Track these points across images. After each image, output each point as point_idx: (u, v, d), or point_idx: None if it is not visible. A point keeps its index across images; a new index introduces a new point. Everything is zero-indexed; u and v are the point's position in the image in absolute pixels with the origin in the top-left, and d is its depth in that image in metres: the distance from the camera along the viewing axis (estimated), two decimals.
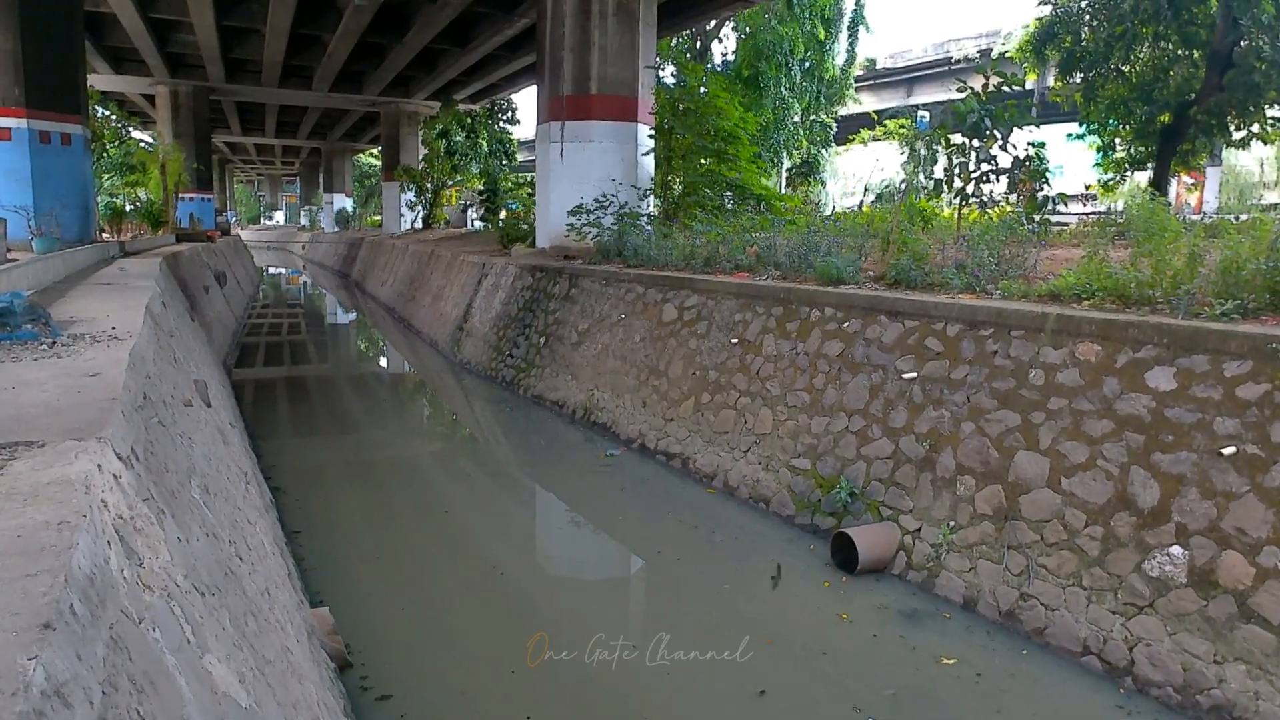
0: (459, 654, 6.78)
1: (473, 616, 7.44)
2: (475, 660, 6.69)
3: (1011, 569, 7.22)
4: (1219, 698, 5.80)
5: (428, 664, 6.58)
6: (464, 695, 6.17)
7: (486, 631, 7.17)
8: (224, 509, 5.27)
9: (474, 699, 6.12)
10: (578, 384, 14.51)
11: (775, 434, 10.08)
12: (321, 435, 14.31)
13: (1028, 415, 7.62)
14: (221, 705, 2.52)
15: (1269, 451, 6.11)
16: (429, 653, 6.76)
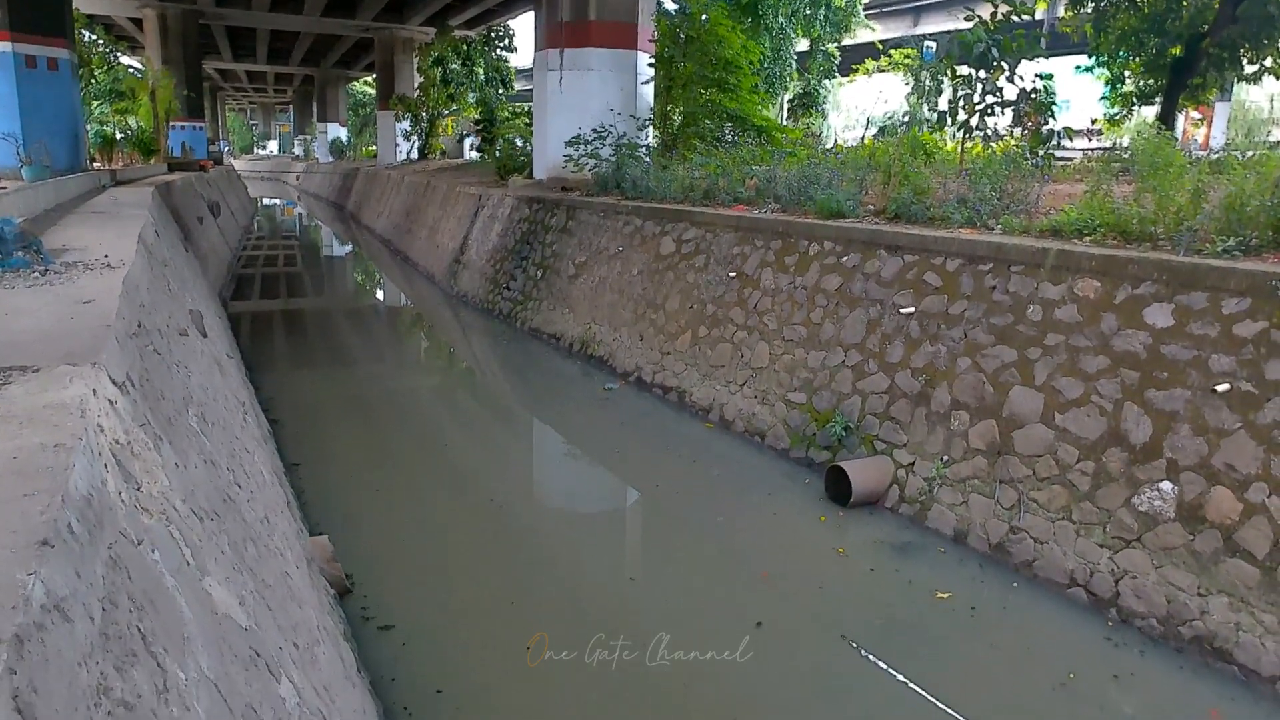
0: (459, 585, 6.85)
1: (472, 549, 7.52)
2: (475, 592, 6.77)
3: (1003, 503, 7.30)
4: (1200, 629, 5.92)
5: (428, 595, 6.65)
6: (465, 626, 6.25)
7: (486, 563, 7.25)
8: (221, 438, 5.29)
9: (475, 629, 6.21)
10: (575, 317, 14.49)
11: (772, 368, 10.10)
12: (319, 368, 14.32)
13: (1024, 351, 7.63)
14: (222, 626, 2.56)
15: (1263, 389, 6.14)
16: (429, 584, 6.83)
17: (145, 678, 1.74)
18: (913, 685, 5.53)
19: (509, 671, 5.67)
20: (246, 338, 15.41)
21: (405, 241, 27.39)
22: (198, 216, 20.36)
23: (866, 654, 5.90)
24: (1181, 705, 5.46)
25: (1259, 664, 5.59)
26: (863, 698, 5.52)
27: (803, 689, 5.62)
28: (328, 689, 3.71)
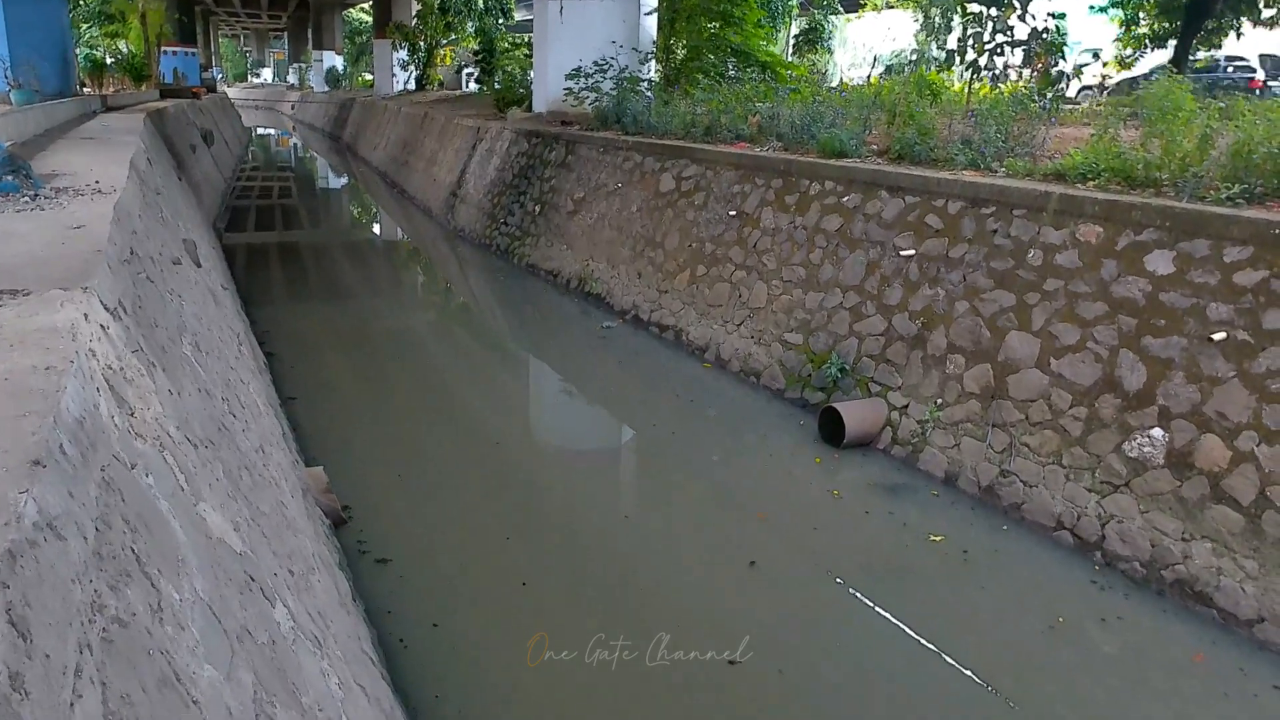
0: (455, 521, 6.89)
1: (468, 485, 7.56)
2: (471, 527, 6.80)
3: (994, 446, 7.36)
4: (1183, 573, 6.02)
5: (425, 530, 6.69)
6: (461, 561, 6.30)
7: (482, 500, 7.29)
8: (216, 367, 5.29)
9: (471, 565, 6.26)
10: (573, 254, 14.39)
11: (769, 308, 10.08)
12: (315, 302, 14.26)
13: (1023, 296, 7.60)
14: (216, 550, 2.58)
15: (1259, 338, 6.13)
16: (426, 518, 6.87)
17: (139, 597, 1.76)
18: (905, 628, 5.61)
19: (505, 606, 5.74)
20: (242, 270, 15.32)
21: (402, 174, 27.06)
22: (190, 145, 20.06)
23: (860, 596, 5.97)
24: (1167, 649, 5.55)
25: (1238, 608, 5.70)
26: (856, 639, 5.60)
27: (795, 629, 5.69)
28: (322, 614, 3.77)
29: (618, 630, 5.49)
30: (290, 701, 2.44)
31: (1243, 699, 5.06)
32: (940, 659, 5.31)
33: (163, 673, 1.67)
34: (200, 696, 1.81)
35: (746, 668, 5.11)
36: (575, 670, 5.12)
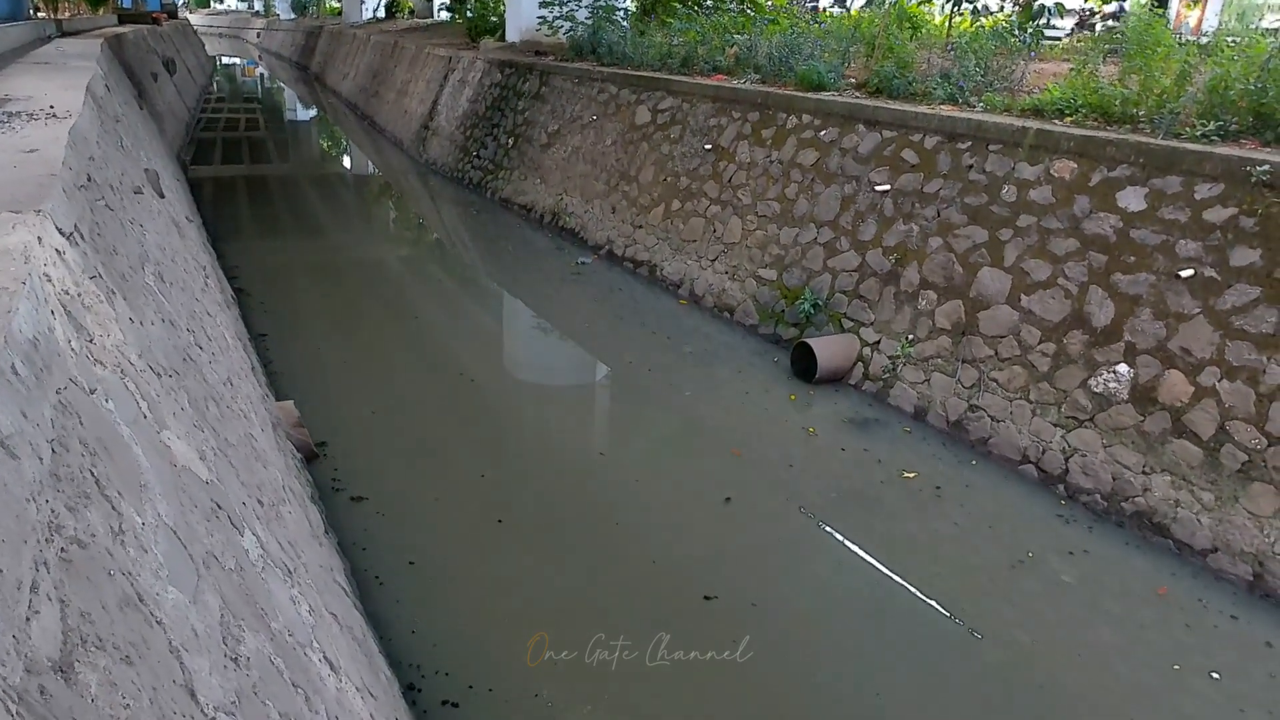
0: (430, 458, 6.86)
1: (443, 421, 7.53)
2: (446, 464, 6.79)
3: (963, 382, 7.44)
4: (1142, 505, 6.17)
5: (399, 466, 6.66)
6: (436, 498, 6.29)
7: (457, 436, 7.28)
8: (181, 299, 5.19)
9: (446, 502, 6.24)
10: (546, 188, 14.20)
11: (744, 244, 10.03)
12: (285, 238, 14.01)
13: (995, 232, 7.62)
14: (181, 477, 2.56)
15: (1225, 275, 6.20)
16: (400, 455, 6.85)
17: (99, 519, 1.74)
18: (876, 563, 5.70)
19: (481, 544, 5.76)
20: (209, 204, 14.99)
21: (372, 105, 26.43)
22: (152, 73, 19.41)
23: (833, 531, 6.04)
24: (1131, 582, 5.67)
25: (1193, 538, 5.86)
26: (829, 574, 5.66)
27: (769, 564, 5.74)
28: (293, 544, 3.77)
29: (593, 570, 5.55)
30: (259, 626, 2.45)
31: (1203, 630, 5.21)
32: (910, 592, 5.42)
33: (125, 593, 1.66)
34: (165, 618, 1.80)
35: (721, 602, 5.19)
36: (551, 605, 5.18)
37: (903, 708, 4.50)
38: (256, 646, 2.31)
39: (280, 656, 2.50)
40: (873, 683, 4.66)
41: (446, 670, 4.52)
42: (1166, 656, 4.97)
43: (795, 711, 4.43)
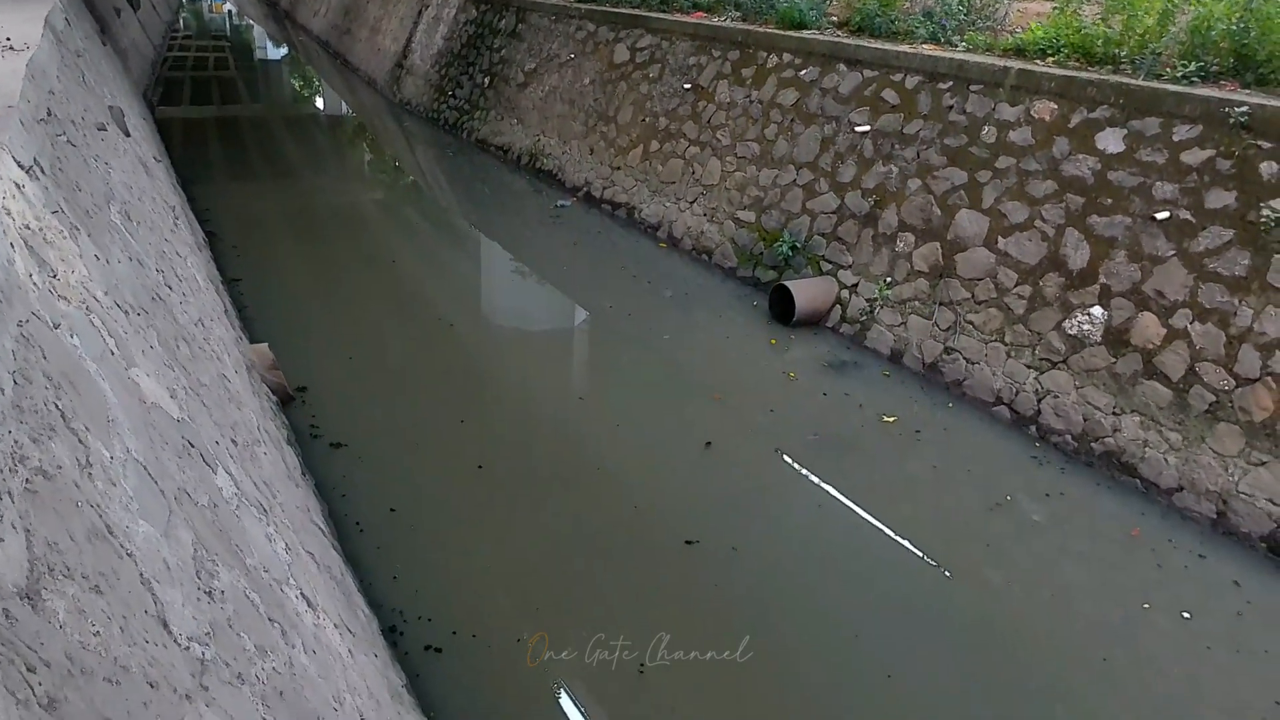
0: (409, 404, 6.80)
1: (422, 367, 7.46)
2: (425, 410, 6.72)
3: (940, 324, 7.48)
4: (1111, 445, 6.27)
5: (378, 413, 6.59)
6: (416, 445, 6.22)
7: (436, 382, 7.22)
8: (149, 238, 5.09)
9: (426, 449, 6.18)
10: (524, 128, 13.97)
11: (723, 185, 9.95)
12: (258, 181, 13.72)
13: (974, 174, 7.59)
14: (151, 414, 2.54)
15: (1200, 218, 6.23)
16: (379, 402, 6.77)
17: (65, 451, 1.72)
18: (856, 508, 5.74)
19: (461, 490, 5.73)
20: (178, 146, 14.64)
21: (344, 43, 25.78)
22: (115, 8, 18.77)
23: (814, 477, 6.07)
24: (1105, 523, 5.78)
25: (1160, 477, 5.98)
26: (810, 519, 5.67)
27: (750, 509, 5.76)
28: (268, 484, 3.76)
29: (575, 516, 5.54)
30: (233, 562, 2.46)
31: (1173, 569, 5.34)
32: (889, 535, 5.49)
33: (93, 525, 1.65)
34: (135, 550, 1.80)
35: (703, 546, 5.21)
36: (533, 552, 5.18)
37: (879, 646, 4.59)
38: (231, 581, 2.31)
39: (256, 592, 2.51)
40: (850, 623, 4.73)
41: (429, 616, 4.53)
42: (1137, 596, 5.07)
43: (772, 651, 4.49)
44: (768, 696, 4.16)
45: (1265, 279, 5.81)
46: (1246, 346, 5.81)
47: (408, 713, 3.72)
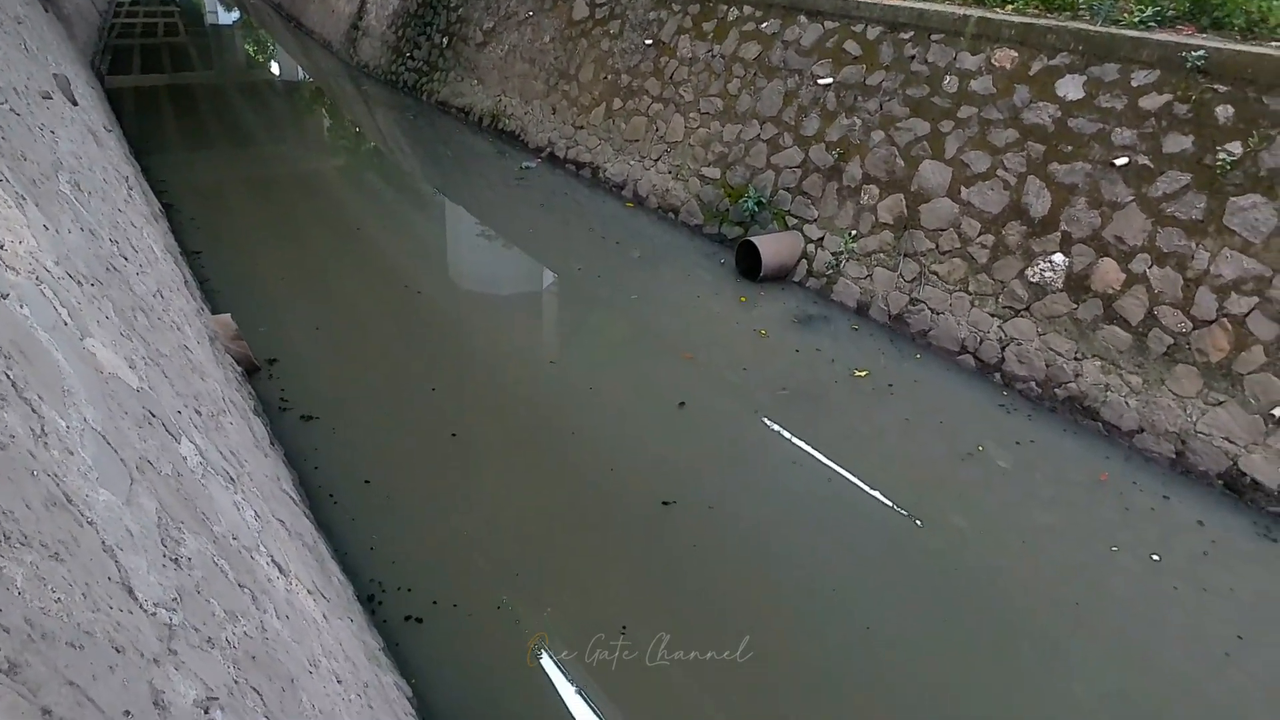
0: (379, 373, 6.72)
1: (390, 335, 7.37)
2: (396, 379, 6.65)
3: (905, 276, 7.53)
4: (1074, 390, 6.39)
5: (348, 383, 6.52)
6: (388, 415, 6.15)
7: (405, 350, 7.14)
8: (102, 209, 4.98)
9: (398, 418, 6.12)
10: (484, 89, 13.76)
11: (686, 142, 9.89)
12: (214, 150, 13.40)
13: (937, 124, 7.60)
14: (109, 384, 2.50)
15: (1159, 163, 6.29)
16: (349, 372, 6.69)
17: (18, 421, 1.70)
18: (834, 465, 5.78)
19: (436, 459, 5.69)
20: (130, 116, 14.27)
21: (298, 6, 25.15)
22: None
23: (787, 434, 6.11)
24: (1073, 469, 5.89)
25: (1121, 420, 6.11)
26: (785, 475, 5.71)
27: (725, 467, 5.79)
28: (235, 454, 3.74)
29: (551, 480, 5.54)
30: (200, 529, 2.45)
31: (1140, 511, 5.47)
32: (863, 488, 5.55)
33: (50, 493, 1.64)
34: (96, 518, 1.79)
35: (680, 506, 5.25)
36: (511, 518, 5.18)
37: (857, 598, 4.66)
38: (198, 548, 2.30)
39: (225, 559, 2.51)
40: (827, 577, 4.79)
41: (408, 586, 4.52)
42: (1105, 538, 5.19)
43: (752, 609, 4.55)
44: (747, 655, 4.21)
45: (1221, 222, 5.90)
46: (1203, 289, 5.92)
47: (385, 674, 3.75)
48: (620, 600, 4.51)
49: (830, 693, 4.03)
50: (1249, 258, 5.74)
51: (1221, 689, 4.17)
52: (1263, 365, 5.60)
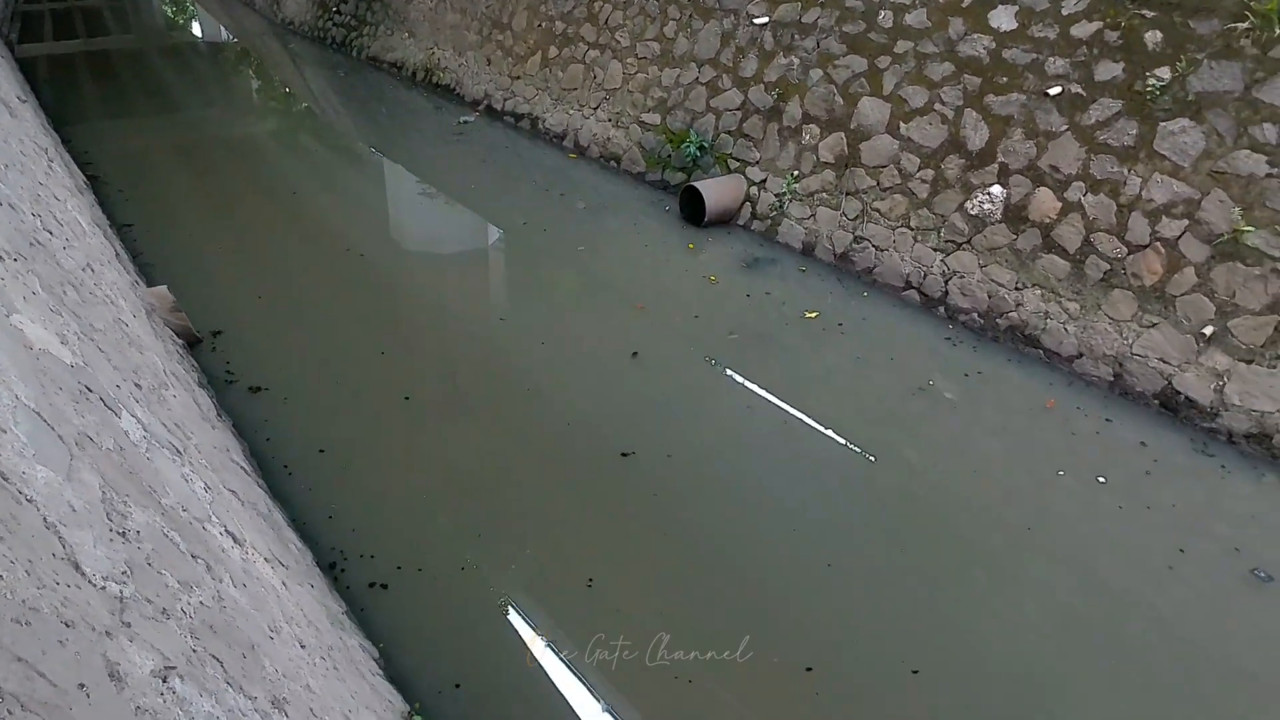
0: (326, 340, 6.59)
1: (335, 301, 7.22)
2: (344, 345, 6.53)
3: (848, 214, 7.58)
4: (1015, 319, 6.53)
5: (295, 352, 6.39)
6: (338, 381, 6.04)
7: (352, 315, 7.01)
8: (21, 182, 4.79)
9: (349, 384, 6.01)
10: (416, 42, 13.41)
11: (625, 89, 9.78)
12: (139, 118, 12.89)
13: (874, 60, 7.60)
14: (40, 360, 2.44)
15: (1091, 91, 6.38)
16: (295, 340, 6.56)
17: None
18: (789, 406, 5.83)
19: (390, 423, 5.62)
20: (45, 85, 13.68)
21: None
22: None
23: (741, 379, 6.15)
24: (1020, 398, 6.02)
25: (1061, 346, 6.26)
26: (741, 420, 5.74)
27: (682, 416, 5.82)
28: (180, 426, 3.68)
29: (509, 438, 5.51)
30: (148, 502, 2.41)
31: (1085, 435, 5.62)
32: (813, 427, 5.63)
33: None
34: (36, 495, 1.75)
35: (638, 457, 5.26)
36: (471, 478, 5.17)
37: (817, 536, 4.74)
38: (146, 521, 2.27)
39: (176, 531, 2.48)
40: (787, 517, 4.86)
41: (371, 553, 4.49)
42: (1052, 463, 5.33)
43: (715, 554, 4.62)
44: (713, 599, 4.29)
45: (1152, 147, 6.02)
46: (1136, 214, 6.06)
47: (350, 637, 3.76)
48: (584, 553, 4.55)
49: (795, 629, 4.14)
50: (1179, 181, 5.88)
51: (1164, 600, 4.36)
52: (1194, 286, 5.77)
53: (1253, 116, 5.62)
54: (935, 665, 3.93)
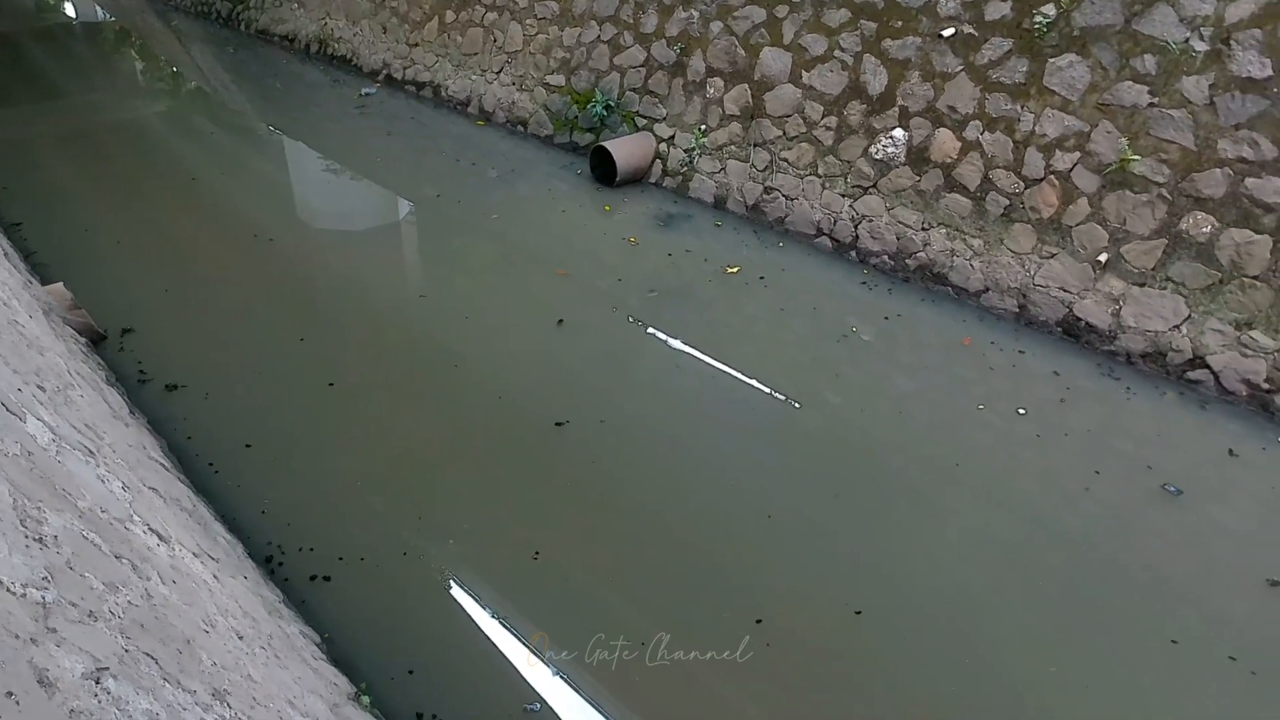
0: (241, 331, 6.36)
1: (246, 289, 6.97)
2: (260, 334, 6.31)
3: (757, 165, 7.67)
4: (923, 259, 6.73)
5: (209, 346, 6.15)
6: (258, 373, 5.86)
7: (265, 302, 6.78)
8: None
9: (270, 374, 5.83)
10: (306, 13, 12.94)
11: (527, 51, 9.64)
12: (16, 107, 12.14)
13: (773, 10, 7.65)
14: None
15: (982, 30, 6.55)
16: (208, 333, 6.31)
17: None
18: (715, 361, 5.90)
19: (316, 410, 5.50)
20: None
21: None
22: None
23: (668, 338, 6.19)
24: (935, 336, 6.22)
25: (967, 282, 6.49)
26: (673, 380, 5.77)
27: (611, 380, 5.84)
28: (91, 426, 3.57)
29: (440, 416, 5.45)
30: (63, 506, 2.36)
31: (1002, 368, 5.86)
32: (741, 380, 5.72)
33: None
34: None
35: (572, 425, 5.27)
36: (403, 461, 5.10)
37: (754, 488, 4.84)
38: (63, 525, 2.23)
39: (96, 532, 2.43)
40: (725, 472, 4.95)
41: (310, 546, 4.41)
42: (971, 398, 5.55)
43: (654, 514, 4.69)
44: (660, 562, 4.36)
45: (1042, 83, 6.23)
46: (1031, 149, 6.28)
47: (289, 625, 3.74)
48: (528, 526, 4.56)
49: (742, 583, 4.23)
50: (1069, 115, 6.11)
51: (1082, 519, 4.62)
52: (1088, 216, 6.03)
53: (1133, 48, 5.85)
54: (876, 606, 4.09)
